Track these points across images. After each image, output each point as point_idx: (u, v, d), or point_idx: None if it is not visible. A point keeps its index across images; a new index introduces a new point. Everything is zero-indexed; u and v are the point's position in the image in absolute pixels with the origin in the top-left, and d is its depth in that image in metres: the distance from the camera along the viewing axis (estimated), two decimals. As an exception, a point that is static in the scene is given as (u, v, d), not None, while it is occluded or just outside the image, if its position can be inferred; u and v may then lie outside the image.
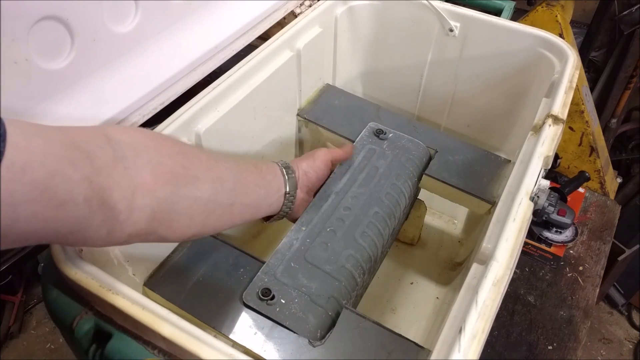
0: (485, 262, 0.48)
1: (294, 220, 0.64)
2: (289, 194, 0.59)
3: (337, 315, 0.55)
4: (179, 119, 0.61)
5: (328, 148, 0.68)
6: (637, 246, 1.46)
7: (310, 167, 0.64)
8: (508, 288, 0.49)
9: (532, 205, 0.53)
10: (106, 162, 0.37)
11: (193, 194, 0.44)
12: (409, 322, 0.82)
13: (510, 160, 0.74)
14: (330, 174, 0.68)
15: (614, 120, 1.68)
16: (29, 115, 0.50)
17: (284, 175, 0.59)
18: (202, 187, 0.45)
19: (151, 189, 0.40)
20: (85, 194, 0.35)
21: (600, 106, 1.65)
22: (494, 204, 0.68)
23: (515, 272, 0.85)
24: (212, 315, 0.54)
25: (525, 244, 0.89)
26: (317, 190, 0.67)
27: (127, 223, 0.39)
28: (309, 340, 0.52)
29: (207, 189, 0.46)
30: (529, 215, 0.51)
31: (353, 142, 0.75)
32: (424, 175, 0.72)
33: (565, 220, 0.86)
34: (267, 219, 0.61)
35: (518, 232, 0.49)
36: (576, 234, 0.90)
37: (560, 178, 1.27)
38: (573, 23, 1.47)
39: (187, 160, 0.45)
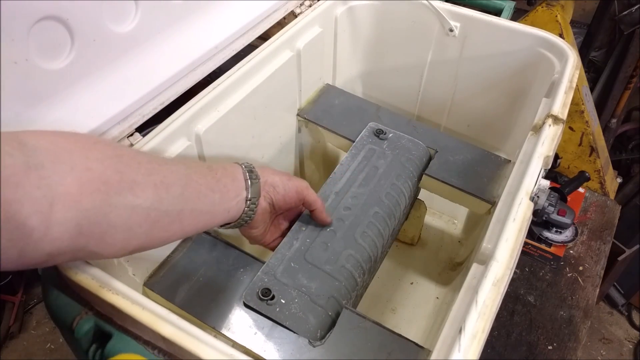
0: (485, 262, 0.48)
1: (251, 238, 0.60)
2: (249, 200, 0.53)
3: (337, 315, 0.55)
4: (179, 119, 0.61)
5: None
6: (637, 246, 1.46)
7: (282, 183, 0.57)
8: (508, 288, 0.49)
9: (532, 205, 0.53)
10: (14, 171, 0.32)
11: (130, 202, 0.39)
12: (409, 322, 0.82)
13: (510, 160, 0.74)
14: (298, 213, 0.64)
15: (614, 120, 1.68)
16: (29, 116, 0.50)
17: (245, 180, 0.53)
18: (141, 194, 0.40)
19: (75, 199, 0.35)
20: None
21: (600, 106, 1.65)
22: (494, 204, 0.68)
23: (515, 272, 0.85)
24: (212, 315, 0.54)
25: (525, 244, 0.89)
26: (278, 213, 0.61)
27: (44, 241, 0.34)
28: (309, 340, 0.52)
29: (148, 195, 0.41)
30: (529, 215, 0.51)
31: (353, 142, 0.75)
32: (424, 175, 0.72)
33: (565, 220, 0.86)
34: (224, 226, 0.55)
35: (518, 232, 0.49)
36: (576, 234, 0.90)
37: (560, 178, 1.27)
38: (573, 23, 1.47)
39: (122, 164, 0.39)
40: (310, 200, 0.60)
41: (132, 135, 0.58)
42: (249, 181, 0.53)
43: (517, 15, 1.39)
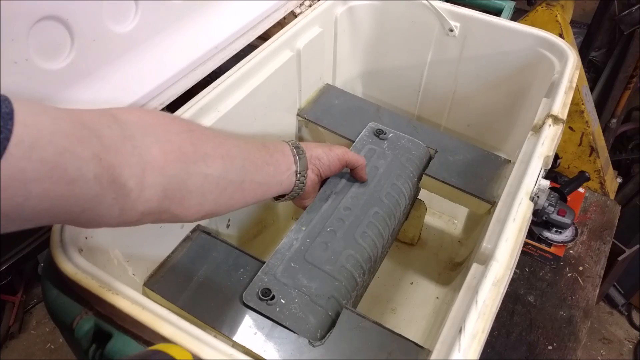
0: (485, 262, 0.48)
1: (304, 207, 0.64)
2: (299, 173, 0.58)
3: (337, 315, 0.55)
4: (179, 119, 0.61)
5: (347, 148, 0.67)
6: (637, 246, 1.46)
7: (325, 154, 0.63)
8: (508, 288, 0.49)
9: (532, 205, 0.53)
10: (115, 141, 0.37)
11: (203, 171, 0.44)
12: (409, 322, 0.82)
13: (510, 160, 0.74)
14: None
15: (614, 120, 1.68)
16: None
17: (294, 155, 0.58)
18: (212, 164, 0.45)
19: (161, 166, 0.40)
20: (95, 172, 0.35)
21: (600, 106, 1.65)
22: (494, 204, 0.68)
23: (515, 272, 0.85)
24: (212, 315, 0.54)
25: (525, 244, 0.89)
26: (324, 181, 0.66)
27: (139, 201, 0.39)
28: (309, 340, 0.52)
29: (217, 166, 0.46)
30: (529, 215, 0.51)
31: (353, 142, 0.75)
32: (424, 175, 0.72)
33: (565, 220, 0.86)
34: (279, 198, 0.61)
35: (518, 232, 0.49)
36: (576, 234, 0.90)
37: (560, 178, 1.27)
38: (573, 23, 1.47)
39: (195, 138, 0.44)
40: (352, 160, 0.65)
41: (132, 135, 0.58)
42: (297, 156, 0.58)
43: (517, 15, 1.39)
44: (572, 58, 0.69)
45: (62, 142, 0.33)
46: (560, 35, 1.16)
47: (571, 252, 0.92)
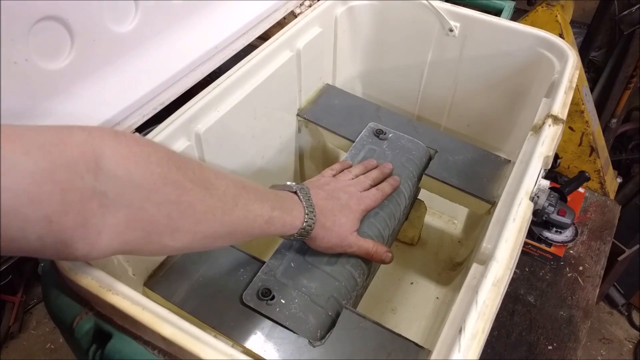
0: (485, 262, 0.48)
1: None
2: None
3: (337, 315, 0.55)
4: (179, 119, 0.61)
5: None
6: (637, 246, 1.46)
7: (329, 242, 0.58)
8: (508, 288, 0.49)
9: (532, 205, 0.52)
10: (80, 197, 0.34)
11: (166, 244, 0.41)
12: (409, 322, 0.82)
13: (510, 160, 0.74)
14: None
15: (614, 120, 1.68)
16: (28, 116, 0.50)
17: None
18: (180, 239, 0.42)
19: (120, 232, 0.37)
20: (40, 233, 0.32)
21: (600, 106, 1.65)
22: (494, 204, 0.68)
23: (515, 272, 0.85)
24: (212, 315, 0.54)
25: (525, 244, 0.89)
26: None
27: (87, 257, 0.37)
28: (309, 340, 0.52)
29: (186, 240, 0.42)
30: (529, 215, 0.51)
31: (353, 142, 0.75)
32: (424, 175, 0.72)
33: (565, 220, 0.86)
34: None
35: (518, 232, 0.49)
36: (576, 234, 0.90)
37: (560, 178, 1.27)
38: (573, 23, 1.47)
39: (178, 211, 0.40)
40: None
41: (132, 135, 0.58)
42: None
43: (517, 15, 1.39)
44: (572, 58, 0.69)
45: (11, 201, 0.30)
46: (560, 35, 1.16)
47: (571, 252, 0.92)
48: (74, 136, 0.35)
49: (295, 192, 0.55)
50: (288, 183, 0.56)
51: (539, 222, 0.89)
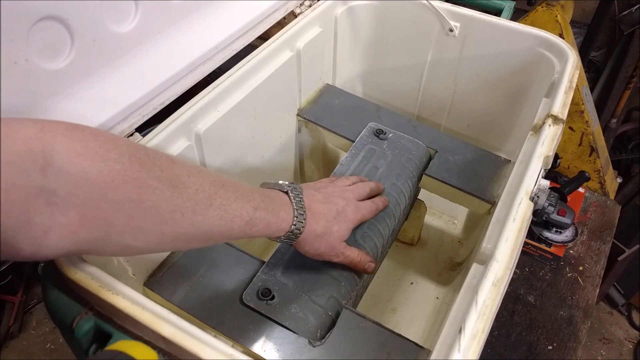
0: (485, 262, 0.48)
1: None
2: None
3: (337, 315, 0.55)
4: (179, 119, 0.61)
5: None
6: (637, 246, 1.46)
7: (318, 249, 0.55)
8: (508, 288, 0.49)
9: (532, 205, 0.52)
10: (25, 195, 0.32)
11: (127, 243, 0.39)
12: (409, 322, 0.82)
13: (510, 160, 0.74)
14: None
15: (614, 120, 1.68)
16: (28, 116, 0.50)
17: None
18: (142, 239, 0.39)
19: (72, 231, 0.35)
20: None
21: (600, 106, 1.65)
22: (494, 204, 0.68)
23: (515, 272, 0.85)
24: (212, 315, 0.54)
25: (525, 244, 0.89)
26: None
27: (30, 258, 0.35)
28: (308, 340, 0.52)
29: (151, 241, 0.40)
30: (529, 215, 0.51)
31: (353, 142, 0.75)
32: (424, 175, 0.72)
33: (565, 220, 0.86)
34: None
35: (518, 232, 0.49)
36: (576, 234, 0.90)
37: (560, 178, 1.27)
38: (573, 23, 1.47)
39: (139, 210, 0.38)
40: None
41: (132, 135, 0.58)
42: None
43: (517, 15, 1.39)
44: (572, 58, 0.69)
45: None
46: (560, 35, 1.16)
47: (571, 252, 0.92)
48: (22, 131, 0.33)
49: (286, 192, 0.52)
50: (280, 182, 0.53)
51: (539, 222, 0.89)
